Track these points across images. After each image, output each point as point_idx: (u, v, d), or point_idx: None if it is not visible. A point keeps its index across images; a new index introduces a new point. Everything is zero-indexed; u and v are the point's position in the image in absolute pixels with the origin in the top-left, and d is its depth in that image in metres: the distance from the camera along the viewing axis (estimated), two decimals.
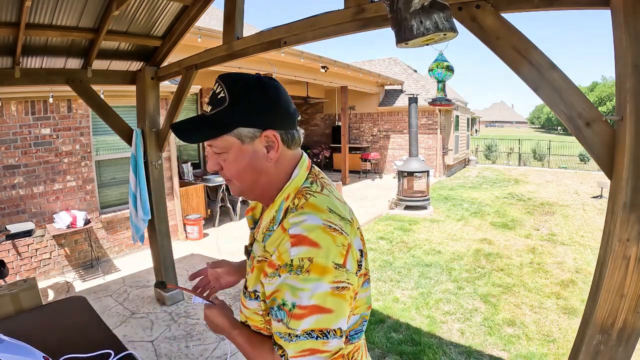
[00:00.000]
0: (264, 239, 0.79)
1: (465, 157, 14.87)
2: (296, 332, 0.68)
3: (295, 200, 0.77)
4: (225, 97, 0.74)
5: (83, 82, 3.00)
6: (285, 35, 2.08)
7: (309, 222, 0.70)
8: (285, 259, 0.69)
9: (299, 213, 0.73)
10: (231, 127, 0.74)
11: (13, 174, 3.92)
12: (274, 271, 0.71)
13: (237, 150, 0.76)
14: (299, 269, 0.67)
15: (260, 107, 0.75)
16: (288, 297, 0.68)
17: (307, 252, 0.67)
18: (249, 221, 0.94)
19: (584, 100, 1.17)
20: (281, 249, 0.70)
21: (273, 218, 0.78)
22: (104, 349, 1.34)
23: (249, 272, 0.83)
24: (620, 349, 1.14)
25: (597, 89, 45.68)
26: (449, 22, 1.05)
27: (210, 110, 0.76)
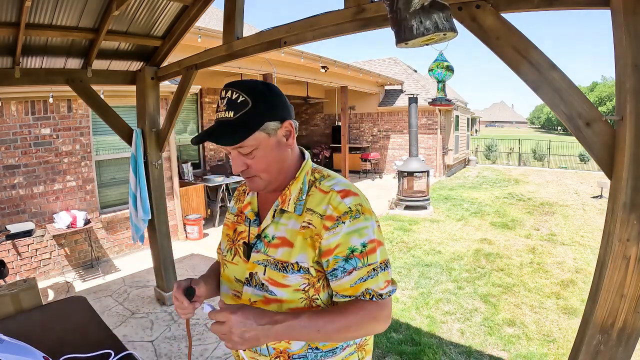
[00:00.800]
0: (296, 208, 0.87)
1: (465, 157, 14.87)
2: (376, 264, 0.83)
3: (316, 174, 0.92)
4: (246, 100, 0.82)
5: (83, 82, 3.00)
6: (285, 35, 2.08)
7: (343, 182, 0.89)
8: (343, 208, 0.82)
9: (331, 178, 0.90)
10: (261, 124, 0.82)
11: (13, 174, 3.92)
12: (335, 222, 0.81)
13: (265, 144, 0.85)
14: (357, 212, 0.82)
15: (276, 102, 0.86)
16: (355, 240, 0.81)
17: (355, 199, 0.84)
18: (250, 215, 0.97)
19: (584, 100, 1.17)
20: (334, 203, 0.83)
21: (300, 190, 0.89)
22: (104, 349, 1.34)
23: (275, 250, 0.87)
24: (620, 349, 1.14)
25: (597, 89, 45.67)
26: (449, 22, 1.05)
27: (234, 115, 0.82)
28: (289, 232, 0.86)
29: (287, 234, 0.86)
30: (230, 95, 0.83)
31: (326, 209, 0.83)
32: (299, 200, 0.87)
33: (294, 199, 0.88)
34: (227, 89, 0.84)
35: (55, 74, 2.90)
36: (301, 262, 0.83)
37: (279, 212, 0.89)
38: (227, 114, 0.82)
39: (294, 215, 0.87)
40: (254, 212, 0.96)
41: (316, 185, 0.89)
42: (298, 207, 0.87)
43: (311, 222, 0.84)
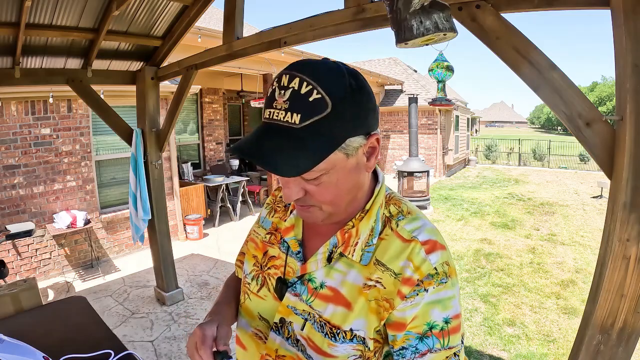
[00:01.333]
0: (362, 257, 0.63)
1: (465, 157, 14.87)
2: (458, 346, 0.61)
3: (392, 207, 0.67)
4: (323, 99, 0.52)
5: (83, 82, 3.00)
6: (285, 35, 2.08)
7: (428, 226, 0.64)
8: (427, 269, 0.59)
9: (413, 218, 0.65)
10: (338, 142, 0.55)
11: (13, 174, 3.92)
12: (414, 288, 0.58)
13: (340, 167, 0.57)
14: (444, 275, 0.60)
15: (368, 106, 0.57)
16: (436, 314, 0.59)
17: (443, 256, 0.61)
18: (293, 244, 0.70)
19: (584, 100, 1.17)
20: (417, 260, 0.59)
21: (371, 230, 0.64)
22: (104, 349, 1.34)
23: (324, 304, 0.63)
24: (620, 349, 1.14)
25: (597, 89, 45.67)
26: (449, 22, 1.06)
27: (301, 122, 0.52)
28: (348, 287, 0.62)
29: (343, 289, 0.63)
30: (298, 85, 0.52)
31: (405, 267, 0.60)
32: (368, 246, 0.63)
33: (362, 242, 0.63)
34: (293, 73, 0.53)
35: (55, 74, 2.90)
36: (357, 329, 0.61)
37: (337, 256, 0.64)
38: (288, 117, 0.53)
39: (357, 264, 0.63)
40: (297, 242, 0.70)
41: (392, 227, 0.64)
42: (365, 256, 0.63)
43: (380, 281, 0.61)
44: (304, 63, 0.56)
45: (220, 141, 8.24)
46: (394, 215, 0.65)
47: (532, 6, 1.27)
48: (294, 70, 0.54)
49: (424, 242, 0.61)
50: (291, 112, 0.52)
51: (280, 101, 0.53)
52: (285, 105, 0.53)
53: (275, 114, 0.54)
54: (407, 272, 0.59)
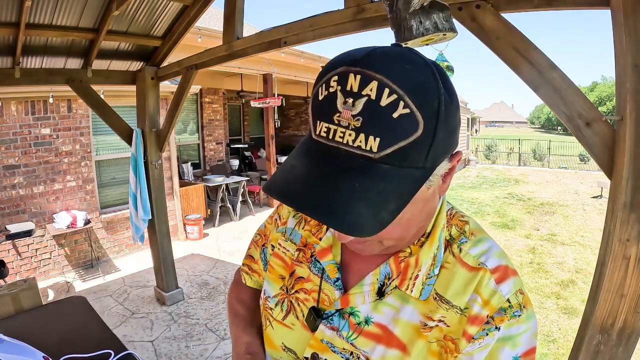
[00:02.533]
0: (422, 292, 0.51)
1: (465, 157, 14.87)
2: None
3: (453, 229, 0.55)
4: (413, 116, 0.37)
5: (83, 82, 3.00)
6: (285, 35, 2.08)
7: (496, 249, 0.53)
8: (498, 303, 0.48)
9: (477, 240, 0.53)
10: (427, 175, 0.42)
11: (13, 174, 3.92)
12: (483, 327, 0.48)
13: (419, 201, 0.45)
14: (517, 307, 0.48)
15: (456, 120, 0.42)
16: (506, 354, 0.48)
17: (515, 284, 0.50)
18: (331, 269, 0.57)
19: (584, 100, 1.17)
20: (485, 293, 0.48)
21: (434, 258, 0.52)
22: (104, 349, 1.34)
23: (371, 343, 0.53)
24: (620, 349, 1.14)
25: (597, 89, 45.69)
26: (449, 23, 1.06)
27: (379, 149, 0.37)
28: (402, 325, 0.51)
29: (397, 328, 0.51)
30: (377, 92, 0.36)
31: (472, 302, 0.49)
32: (429, 278, 0.51)
33: (423, 275, 0.51)
34: (368, 74, 0.37)
35: (55, 74, 2.90)
36: None
37: (391, 290, 0.53)
38: (360, 141, 0.37)
39: (412, 298, 0.52)
40: (336, 266, 0.57)
41: (454, 252, 0.52)
42: (426, 289, 0.51)
43: (444, 319, 0.50)
44: (380, 55, 0.38)
45: (220, 141, 8.24)
46: (456, 238, 0.54)
47: (532, 6, 1.27)
48: (369, 69, 0.37)
49: (494, 270, 0.50)
50: (366, 134, 0.37)
51: (348, 115, 0.37)
52: (357, 124, 0.37)
53: (339, 133, 0.38)
54: (475, 307, 0.48)
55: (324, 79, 0.40)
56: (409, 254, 0.52)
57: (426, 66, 0.39)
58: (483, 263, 0.50)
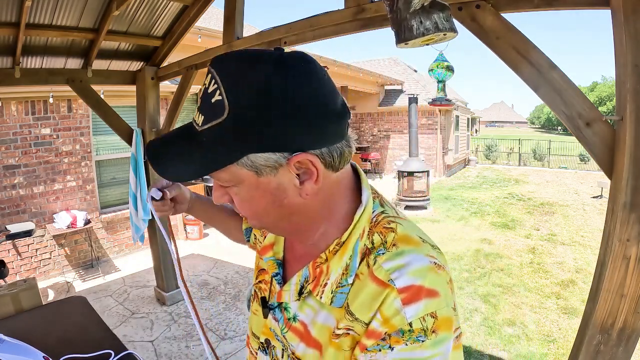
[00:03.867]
0: (333, 300, 0.51)
1: (465, 157, 14.87)
2: None
3: (376, 237, 0.52)
4: (222, 102, 0.43)
5: (83, 82, 3.00)
6: (285, 35, 2.08)
7: (416, 265, 0.48)
8: (399, 324, 0.46)
9: (396, 254, 0.49)
10: (235, 155, 0.46)
11: (13, 174, 3.92)
12: (378, 342, 0.47)
13: (250, 186, 0.48)
14: (421, 332, 0.45)
15: (285, 116, 0.43)
16: None
17: (427, 307, 0.46)
18: (270, 265, 0.63)
19: (584, 100, 1.17)
20: (387, 312, 0.46)
21: (346, 267, 0.51)
22: (104, 349, 1.34)
23: (296, 339, 0.56)
24: (620, 349, 1.14)
25: (597, 89, 45.69)
26: (449, 22, 1.06)
27: (202, 123, 0.47)
28: (318, 328, 0.54)
29: (314, 329, 0.54)
30: (209, 82, 0.46)
31: (373, 318, 0.48)
32: (341, 286, 0.51)
33: (333, 282, 0.52)
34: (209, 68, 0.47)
35: (55, 74, 2.90)
36: None
37: (307, 293, 0.55)
38: (196, 116, 0.48)
39: (327, 306, 0.53)
40: (276, 262, 0.62)
41: (369, 262, 0.50)
42: (338, 298, 0.51)
43: (352, 328, 0.50)
44: (227, 55, 0.47)
45: None
46: (375, 248, 0.51)
47: (532, 6, 1.27)
48: (210, 65, 0.47)
49: (403, 290, 0.46)
50: (199, 112, 0.48)
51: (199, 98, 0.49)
52: (198, 104, 0.48)
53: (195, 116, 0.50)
54: (374, 324, 0.47)
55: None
56: (325, 260, 0.53)
57: (257, 63, 0.44)
58: (392, 280, 0.47)
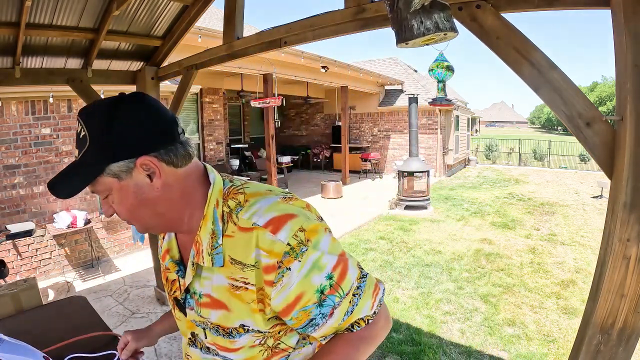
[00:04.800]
0: (214, 261, 0.65)
1: (465, 157, 14.87)
2: (353, 286, 0.65)
3: (230, 202, 0.67)
4: (85, 136, 0.62)
5: (83, 82, 3.00)
6: (286, 35, 2.08)
7: (267, 204, 0.64)
8: (280, 248, 0.60)
9: (249, 205, 0.65)
10: (99, 167, 0.62)
11: (13, 173, 3.92)
12: (278, 271, 0.60)
13: (117, 189, 0.65)
14: (301, 244, 0.61)
15: (123, 135, 0.62)
16: (318, 279, 0.62)
17: (292, 228, 0.61)
18: (171, 266, 0.76)
19: (584, 100, 1.17)
20: (266, 246, 0.61)
21: (213, 233, 0.66)
22: (104, 349, 1.33)
23: (208, 311, 0.69)
24: (620, 349, 1.14)
25: (597, 89, 45.67)
26: (449, 22, 1.05)
27: (78, 155, 0.64)
28: (217, 290, 0.67)
29: (215, 293, 0.67)
30: (78, 127, 0.64)
31: (257, 256, 0.61)
32: (215, 248, 0.65)
33: (207, 247, 0.66)
34: (79, 117, 0.65)
35: (55, 74, 2.90)
36: (247, 325, 0.66)
37: (195, 266, 0.69)
38: (75, 152, 0.66)
39: (216, 268, 0.66)
40: (174, 262, 0.76)
41: (233, 221, 0.65)
42: (216, 258, 0.65)
43: (246, 280, 0.63)
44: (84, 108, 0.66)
45: (220, 141, 8.24)
46: (233, 209, 0.66)
47: (532, 6, 1.27)
48: (79, 115, 0.65)
49: (266, 224, 0.61)
50: (76, 148, 0.65)
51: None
52: (75, 145, 0.66)
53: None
54: (263, 260, 0.61)
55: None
56: (197, 236, 0.68)
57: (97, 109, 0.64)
58: (255, 223, 0.62)
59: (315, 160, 12.96)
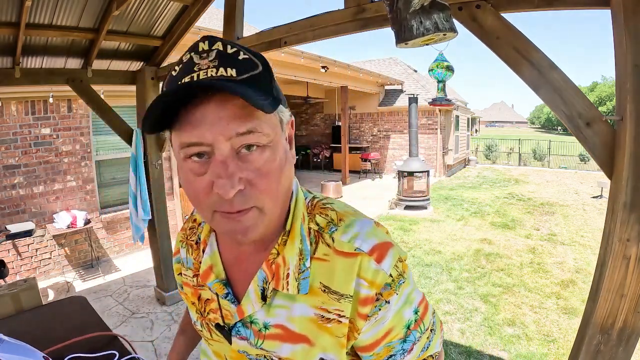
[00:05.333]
0: (299, 288, 0.53)
1: (465, 157, 14.87)
2: (432, 321, 0.61)
3: (319, 219, 0.56)
4: (252, 60, 0.47)
5: (83, 82, 3.00)
6: (286, 35, 2.08)
7: (367, 228, 0.55)
8: (383, 279, 0.52)
9: (346, 226, 0.55)
10: (277, 102, 0.48)
11: (13, 173, 3.92)
12: (375, 304, 0.52)
13: (279, 143, 0.49)
14: (399, 277, 0.54)
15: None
16: (407, 313, 0.56)
17: (394, 257, 0.53)
18: (217, 288, 0.59)
19: (584, 100, 1.17)
20: (368, 275, 0.52)
21: (300, 252, 0.54)
22: (104, 349, 1.34)
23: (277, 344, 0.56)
24: (620, 349, 1.14)
25: (597, 89, 45.68)
26: (449, 22, 1.06)
27: (238, 74, 0.45)
28: (298, 322, 0.54)
29: (293, 325, 0.55)
30: (222, 47, 0.46)
31: (357, 286, 0.52)
32: (302, 272, 0.53)
33: (294, 270, 0.53)
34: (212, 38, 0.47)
35: (55, 74, 2.90)
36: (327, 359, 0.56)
37: (271, 293, 0.55)
38: (221, 71, 0.44)
39: (298, 295, 0.54)
40: (221, 283, 0.59)
41: (327, 243, 0.54)
42: (303, 284, 0.53)
43: (341, 312, 0.53)
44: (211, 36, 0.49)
45: None
46: (325, 227, 0.55)
47: (532, 6, 1.27)
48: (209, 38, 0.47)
49: (371, 251, 0.52)
50: (224, 67, 0.44)
51: (205, 62, 0.45)
52: (214, 63, 0.45)
53: (202, 74, 0.44)
54: (363, 291, 0.52)
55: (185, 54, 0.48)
56: (277, 254, 0.54)
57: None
58: (359, 248, 0.52)
59: (315, 160, 12.96)
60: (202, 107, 0.44)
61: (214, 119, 0.43)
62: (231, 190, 0.44)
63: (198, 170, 0.46)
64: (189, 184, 0.48)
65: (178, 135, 0.45)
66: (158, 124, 0.45)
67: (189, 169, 0.47)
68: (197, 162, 0.46)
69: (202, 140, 0.44)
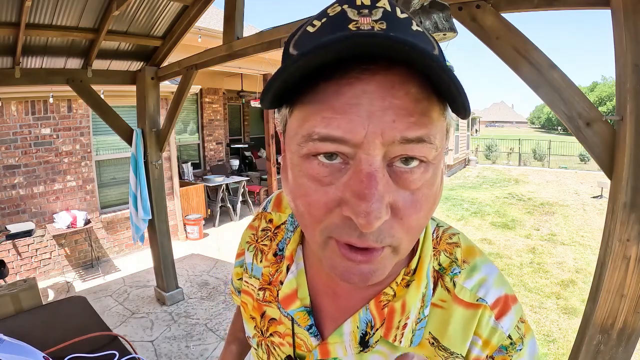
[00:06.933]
0: (412, 340, 0.42)
1: (465, 157, 14.87)
2: None
3: (442, 258, 0.45)
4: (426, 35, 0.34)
5: (83, 82, 3.00)
6: (286, 35, 2.08)
7: (494, 275, 0.44)
8: (499, 341, 0.42)
9: (471, 270, 0.44)
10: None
11: (13, 174, 3.92)
12: None
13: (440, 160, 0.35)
14: (520, 342, 0.42)
15: None
16: None
17: (517, 314, 0.43)
18: (301, 319, 0.47)
19: (584, 100, 1.17)
20: (484, 333, 0.42)
21: (423, 298, 0.43)
22: (104, 349, 1.34)
23: None
24: (620, 349, 1.14)
25: (597, 89, 45.69)
26: (449, 22, 1.06)
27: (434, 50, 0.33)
28: None
29: None
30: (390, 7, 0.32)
31: (471, 345, 0.42)
32: (419, 322, 0.43)
33: (412, 322, 0.42)
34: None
35: (55, 74, 2.90)
36: None
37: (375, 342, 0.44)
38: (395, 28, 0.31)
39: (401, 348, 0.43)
40: (307, 312, 0.47)
41: (447, 287, 0.44)
42: (417, 335, 0.43)
43: None
44: None
45: (220, 141, 8.25)
46: (447, 268, 0.44)
47: (532, 6, 1.27)
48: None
49: (494, 304, 0.42)
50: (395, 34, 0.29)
51: (368, 20, 0.30)
52: (382, 26, 0.30)
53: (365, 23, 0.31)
54: (475, 350, 0.42)
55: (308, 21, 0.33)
56: (393, 296, 0.43)
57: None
58: (482, 298, 0.42)
59: None
60: (358, 86, 0.29)
61: (374, 108, 0.29)
62: (376, 221, 0.30)
63: (324, 178, 0.32)
64: (303, 193, 0.34)
65: (305, 119, 0.31)
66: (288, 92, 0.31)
67: (312, 173, 0.32)
68: (326, 165, 0.32)
69: (348, 136, 0.30)
